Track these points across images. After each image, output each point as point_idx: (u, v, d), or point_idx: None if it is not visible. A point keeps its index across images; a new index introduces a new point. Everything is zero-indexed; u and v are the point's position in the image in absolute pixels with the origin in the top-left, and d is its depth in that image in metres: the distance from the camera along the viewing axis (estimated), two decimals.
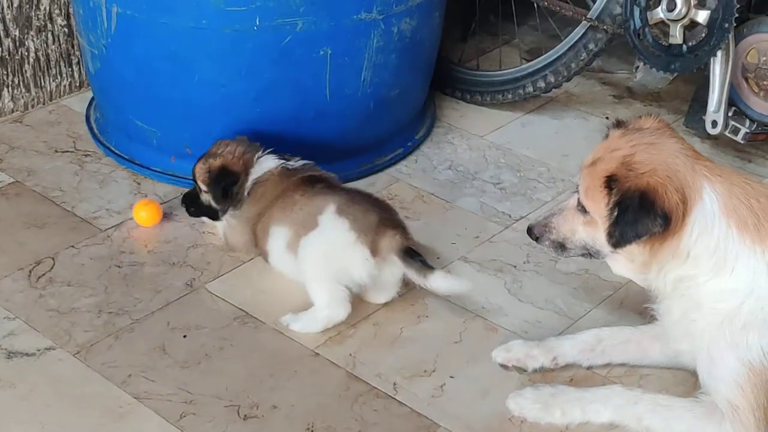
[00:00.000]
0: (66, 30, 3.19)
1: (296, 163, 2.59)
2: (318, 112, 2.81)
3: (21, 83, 3.14)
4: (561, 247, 2.23)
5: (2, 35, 3.05)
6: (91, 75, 2.99)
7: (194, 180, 2.61)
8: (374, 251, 2.37)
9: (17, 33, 3.09)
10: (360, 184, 2.90)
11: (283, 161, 2.58)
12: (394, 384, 2.27)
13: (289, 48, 2.68)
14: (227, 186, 2.54)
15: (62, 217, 2.73)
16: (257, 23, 2.63)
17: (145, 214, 2.70)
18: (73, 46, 3.22)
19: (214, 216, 2.61)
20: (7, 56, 3.09)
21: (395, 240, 2.37)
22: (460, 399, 2.24)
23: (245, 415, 2.18)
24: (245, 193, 2.56)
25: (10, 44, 3.08)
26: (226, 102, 2.73)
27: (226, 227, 2.62)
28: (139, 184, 2.89)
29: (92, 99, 3.17)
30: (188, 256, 2.63)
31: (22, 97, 3.16)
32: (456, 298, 2.51)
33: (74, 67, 3.25)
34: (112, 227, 2.72)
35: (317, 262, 2.39)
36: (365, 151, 2.99)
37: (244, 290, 2.53)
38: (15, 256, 2.59)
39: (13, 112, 3.16)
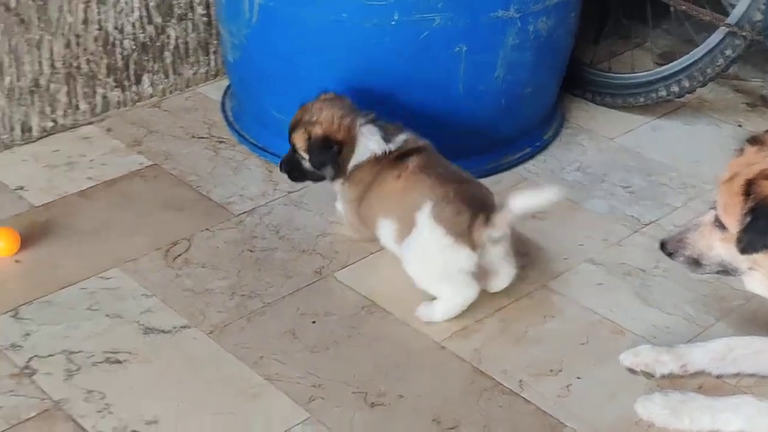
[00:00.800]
0: (205, 19, 3.28)
1: (394, 143, 2.55)
2: (450, 107, 2.83)
3: (161, 70, 3.24)
4: (696, 263, 2.20)
5: (145, 22, 3.15)
6: (229, 64, 3.06)
7: (294, 149, 2.59)
8: (474, 246, 2.38)
9: (159, 20, 3.18)
10: (486, 182, 2.90)
11: (384, 143, 2.54)
12: (520, 381, 2.28)
13: (425, 43, 2.70)
14: (333, 155, 2.52)
15: (198, 201, 2.81)
16: (395, 18, 2.66)
17: (2, 245, 2.57)
18: (211, 35, 3.31)
19: (320, 179, 2.61)
20: (148, 43, 3.18)
21: (484, 226, 2.36)
22: (586, 400, 2.24)
23: (372, 403, 2.21)
24: (347, 173, 2.56)
25: (152, 31, 3.18)
26: (361, 95, 2.77)
27: (344, 207, 2.65)
28: (270, 172, 2.95)
29: (228, 87, 3.25)
30: (318, 244, 2.68)
31: (161, 83, 3.26)
32: (584, 299, 2.50)
33: (211, 55, 3.34)
34: (244, 213, 2.78)
35: (424, 267, 2.42)
36: (493, 148, 3.01)
37: (372, 280, 2.56)
38: (153, 236, 2.68)
39: (151, 97, 3.26)
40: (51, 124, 3.06)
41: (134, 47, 3.15)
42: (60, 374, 2.24)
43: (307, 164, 2.59)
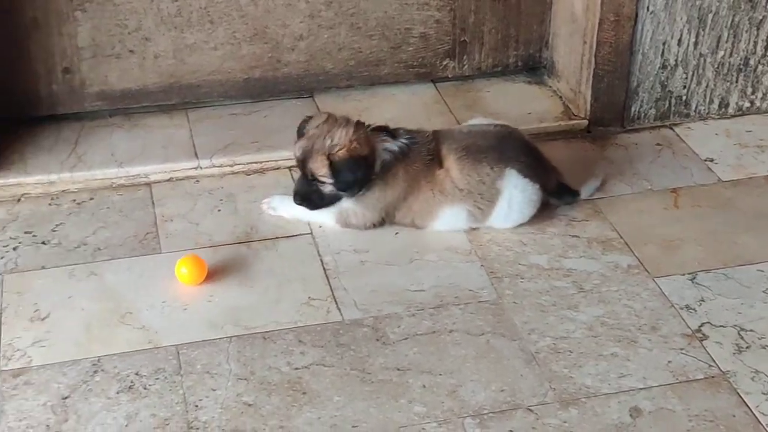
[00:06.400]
0: None
1: (404, 138, 2.55)
2: None
3: None
4: None
5: None
6: None
7: (312, 176, 2.53)
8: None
9: None
10: None
11: (395, 140, 2.54)
12: None
13: None
14: (365, 171, 2.50)
15: None
16: None
17: (185, 271, 2.43)
18: None
19: (336, 201, 2.57)
20: None
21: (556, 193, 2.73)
22: None
23: None
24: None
25: None
26: None
27: (347, 212, 2.59)
28: None
29: None
30: None
31: None
32: None
33: None
34: None
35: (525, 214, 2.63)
36: None
37: None
38: None
39: None
40: (748, 104, 3.10)
41: None
42: (729, 347, 2.30)
43: (328, 189, 2.54)
